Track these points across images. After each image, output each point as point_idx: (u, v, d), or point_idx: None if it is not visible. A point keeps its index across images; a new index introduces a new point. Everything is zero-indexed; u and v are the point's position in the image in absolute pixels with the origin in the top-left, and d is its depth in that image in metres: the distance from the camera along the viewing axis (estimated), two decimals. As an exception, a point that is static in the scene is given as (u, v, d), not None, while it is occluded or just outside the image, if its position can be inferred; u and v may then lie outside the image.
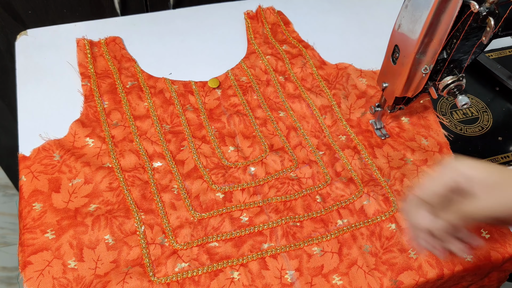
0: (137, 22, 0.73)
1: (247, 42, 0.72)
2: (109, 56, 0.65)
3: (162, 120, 0.59)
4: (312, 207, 0.53)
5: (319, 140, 0.60)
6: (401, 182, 0.56)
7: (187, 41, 0.71)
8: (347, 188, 0.55)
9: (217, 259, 0.48)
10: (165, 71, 0.66)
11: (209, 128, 0.60)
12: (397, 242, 0.51)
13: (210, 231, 0.50)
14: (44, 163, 0.52)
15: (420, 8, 0.46)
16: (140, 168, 0.54)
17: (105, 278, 0.45)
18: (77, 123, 0.57)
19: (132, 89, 0.62)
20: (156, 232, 0.49)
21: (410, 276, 0.49)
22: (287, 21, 0.75)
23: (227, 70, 0.67)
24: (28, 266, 0.45)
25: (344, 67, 0.69)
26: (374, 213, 0.53)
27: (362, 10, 0.81)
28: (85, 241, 0.47)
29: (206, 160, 0.56)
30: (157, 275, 0.46)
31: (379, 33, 0.75)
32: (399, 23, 0.50)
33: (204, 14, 0.76)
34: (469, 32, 0.47)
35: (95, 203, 0.50)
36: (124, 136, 0.57)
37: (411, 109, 0.64)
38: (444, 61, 0.51)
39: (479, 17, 0.45)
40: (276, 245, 0.50)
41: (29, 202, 0.49)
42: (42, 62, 0.65)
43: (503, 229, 0.53)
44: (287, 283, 0.47)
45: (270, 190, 0.54)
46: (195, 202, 0.52)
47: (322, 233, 0.51)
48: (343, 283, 0.48)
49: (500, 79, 0.71)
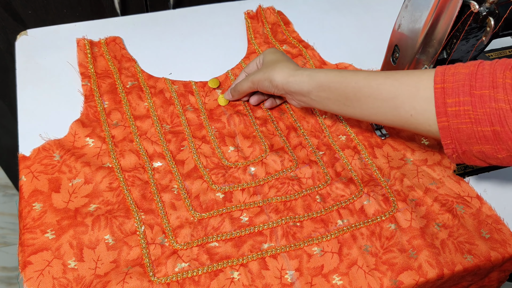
0: (137, 22, 0.73)
1: (247, 42, 0.72)
2: (109, 56, 0.65)
3: (162, 120, 0.59)
4: (312, 207, 0.53)
5: (319, 140, 0.60)
6: (401, 182, 0.56)
7: (187, 41, 0.71)
8: (347, 188, 0.55)
9: (217, 259, 0.48)
10: (165, 71, 0.66)
11: (209, 128, 0.60)
12: (397, 242, 0.51)
13: (210, 231, 0.50)
14: (44, 163, 0.52)
15: (420, 8, 0.46)
16: (140, 168, 0.54)
17: (105, 278, 0.46)
18: (77, 123, 0.57)
19: (132, 89, 0.62)
20: (156, 232, 0.49)
21: (410, 276, 0.49)
22: (287, 21, 0.75)
23: (227, 70, 0.67)
24: (28, 266, 0.45)
25: (344, 67, 0.69)
26: (374, 213, 0.53)
27: (362, 10, 0.81)
28: (85, 241, 0.47)
29: (206, 160, 0.56)
30: (157, 275, 0.46)
31: (379, 33, 0.75)
32: (399, 23, 0.50)
33: (204, 14, 0.76)
34: (469, 32, 0.47)
35: (95, 203, 0.50)
36: (124, 136, 0.57)
37: (411, 109, 0.64)
38: (444, 61, 0.51)
39: (479, 17, 0.45)
40: (276, 245, 0.50)
41: (29, 202, 0.49)
42: (42, 62, 0.65)
43: (502, 229, 0.53)
44: (287, 283, 0.47)
45: (270, 190, 0.54)
46: (195, 202, 0.52)
47: (322, 233, 0.51)
48: (343, 283, 0.48)
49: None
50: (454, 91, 0.40)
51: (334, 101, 0.50)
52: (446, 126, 0.41)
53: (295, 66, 0.54)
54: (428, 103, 0.42)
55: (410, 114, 0.43)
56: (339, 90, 0.49)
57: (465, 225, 0.53)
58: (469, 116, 0.39)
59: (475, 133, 0.39)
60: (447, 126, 0.41)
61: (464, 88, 0.39)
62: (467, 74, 0.40)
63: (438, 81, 0.41)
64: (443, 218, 0.53)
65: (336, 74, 0.50)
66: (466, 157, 0.42)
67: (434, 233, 0.52)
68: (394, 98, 0.44)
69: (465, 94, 0.39)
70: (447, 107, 0.40)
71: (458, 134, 0.40)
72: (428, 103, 0.42)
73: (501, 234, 0.53)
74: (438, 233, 0.52)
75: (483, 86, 0.39)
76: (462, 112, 0.39)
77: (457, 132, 0.40)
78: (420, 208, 0.54)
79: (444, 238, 0.52)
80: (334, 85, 0.49)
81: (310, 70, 0.52)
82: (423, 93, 0.42)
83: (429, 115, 0.42)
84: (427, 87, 0.42)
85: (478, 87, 0.39)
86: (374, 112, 0.47)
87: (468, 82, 0.39)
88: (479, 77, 0.39)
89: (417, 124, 0.44)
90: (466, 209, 0.55)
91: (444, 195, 0.55)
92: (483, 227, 0.53)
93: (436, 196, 0.55)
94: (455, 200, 0.55)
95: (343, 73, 0.49)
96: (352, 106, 0.49)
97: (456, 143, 0.41)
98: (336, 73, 0.50)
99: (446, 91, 0.40)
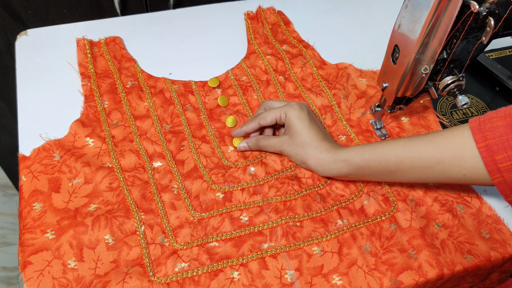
0: (137, 22, 0.73)
1: (247, 42, 0.72)
2: (109, 56, 0.65)
3: (162, 120, 0.59)
4: (312, 207, 0.53)
5: (319, 140, 0.60)
6: (401, 182, 0.56)
7: (187, 41, 0.71)
8: (347, 188, 0.55)
9: (217, 259, 0.48)
10: (165, 71, 0.66)
11: (209, 128, 0.60)
12: (397, 242, 0.51)
13: (210, 231, 0.50)
14: (44, 163, 0.52)
15: (420, 8, 0.46)
16: (140, 168, 0.54)
17: (105, 278, 0.45)
18: (77, 123, 0.57)
19: (132, 89, 0.62)
20: (156, 232, 0.49)
21: (410, 276, 0.49)
22: (288, 21, 0.75)
23: (227, 70, 0.67)
24: (28, 266, 0.45)
25: (344, 67, 0.69)
26: (374, 213, 0.53)
27: (362, 10, 0.81)
28: (85, 241, 0.47)
29: (206, 160, 0.56)
30: (157, 275, 0.46)
31: (379, 33, 0.75)
32: (399, 23, 0.50)
33: (204, 14, 0.76)
34: (469, 32, 0.47)
35: (95, 203, 0.50)
36: (124, 136, 0.57)
37: (411, 109, 0.64)
38: (444, 61, 0.51)
39: (479, 17, 0.45)
40: (276, 245, 0.50)
41: (29, 202, 0.49)
42: (42, 62, 0.65)
43: (502, 229, 0.53)
44: (287, 283, 0.47)
45: (270, 190, 0.54)
46: (195, 202, 0.52)
47: (322, 233, 0.51)
48: (343, 283, 0.48)
49: (500, 79, 0.71)
50: (499, 147, 0.41)
51: (375, 176, 0.51)
52: (502, 181, 0.42)
53: (328, 150, 0.51)
54: (477, 161, 0.43)
55: (463, 174, 0.44)
56: (379, 167, 0.49)
57: (465, 225, 0.53)
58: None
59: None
60: (503, 181, 0.42)
61: (510, 143, 0.40)
62: (505, 127, 0.41)
63: (479, 139, 0.42)
64: (443, 218, 0.53)
65: (373, 152, 0.49)
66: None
67: (434, 233, 0.52)
68: (441, 163, 0.45)
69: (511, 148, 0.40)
70: (498, 164, 0.41)
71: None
72: (477, 161, 0.43)
73: (501, 234, 0.53)
74: (438, 233, 0.52)
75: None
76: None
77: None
78: (420, 208, 0.54)
79: (444, 238, 0.52)
80: (373, 163, 0.49)
81: (345, 153, 0.50)
82: (469, 153, 0.43)
83: (482, 172, 0.43)
84: (472, 147, 0.43)
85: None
86: (423, 178, 0.48)
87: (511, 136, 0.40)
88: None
89: (472, 180, 0.45)
90: (466, 209, 0.55)
91: (444, 195, 0.55)
92: (483, 227, 0.53)
93: (436, 196, 0.55)
94: (455, 200, 0.55)
95: (379, 148, 0.49)
96: (397, 176, 0.49)
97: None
98: (372, 151, 0.49)
99: (491, 148, 0.41)
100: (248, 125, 0.57)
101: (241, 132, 0.57)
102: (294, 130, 0.53)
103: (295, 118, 0.53)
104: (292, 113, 0.53)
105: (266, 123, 0.56)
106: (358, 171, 0.50)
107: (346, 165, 0.50)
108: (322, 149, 0.52)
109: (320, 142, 0.52)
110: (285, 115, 0.54)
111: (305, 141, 0.52)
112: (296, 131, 0.53)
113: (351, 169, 0.50)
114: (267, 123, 0.56)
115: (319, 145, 0.52)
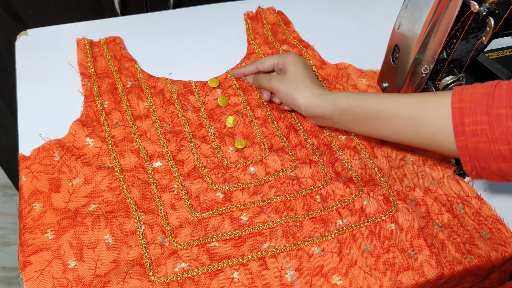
0: (137, 22, 0.73)
1: (247, 42, 0.72)
2: (109, 56, 0.65)
3: (162, 120, 0.59)
4: (312, 207, 0.53)
5: (319, 140, 0.60)
6: (401, 182, 0.56)
7: (187, 41, 0.71)
8: (347, 188, 0.55)
9: (217, 259, 0.48)
10: (165, 71, 0.66)
11: (209, 128, 0.60)
12: (397, 242, 0.51)
13: (210, 231, 0.50)
14: (44, 163, 0.52)
15: (420, 8, 0.46)
16: (140, 168, 0.54)
17: (105, 278, 0.45)
18: (77, 123, 0.57)
19: (132, 89, 0.62)
20: (156, 232, 0.49)
21: (410, 276, 0.49)
22: (288, 21, 0.75)
23: (227, 70, 0.67)
24: (28, 266, 0.45)
25: (344, 67, 0.69)
26: (374, 213, 0.53)
27: (362, 10, 0.81)
28: (85, 241, 0.47)
29: (206, 160, 0.56)
30: (157, 275, 0.46)
31: (379, 33, 0.75)
32: (399, 23, 0.50)
33: (204, 14, 0.76)
34: (469, 32, 0.47)
35: (95, 203, 0.50)
36: (124, 136, 0.57)
37: (411, 109, 0.64)
38: (444, 61, 0.51)
39: (479, 17, 0.45)
40: (276, 245, 0.50)
41: (29, 202, 0.49)
42: (42, 62, 0.65)
43: (502, 229, 0.53)
44: (287, 283, 0.47)
45: (270, 190, 0.54)
46: (195, 202, 0.52)
47: (322, 233, 0.51)
48: (343, 283, 0.48)
49: (500, 79, 0.70)
50: (471, 110, 0.41)
51: (356, 123, 0.52)
52: (464, 145, 0.42)
53: (318, 89, 0.55)
54: (449, 120, 0.43)
55: (432, 132, 0.45)
56: (361, 112, 0.50)
57: (465, 225, 0.53)
58: (486, 135, 0.40)
59: (492, 152, 0.40)
60: (465, 145, 0.42)
61: (482, 108, 0.40)
62: (484, 94, 0.41)
63: (456, 100, 0.42)
64: (443, 218, 0.53)
65: (358, 97, 0.51)
66: (485, 174, 0.43)
67: (434, 233, 0.52)
68: (417, 116, 0.46)
69: (482, 114, 0.40)
70: (464, 127, 0.41)
71: (476, 152, 0.41)
72: (448, 120, 0.43)
73: (501, 234, 0.53)
74: (438, 233, 0.52)
75: (500, 105, 0.39)
76: (479, 131, 0.40)
77: (475, 150, 0.41)
78: (420, 208, 0.54)
79: (444, 238, 0.52)
80: (356, 108, 0.50)
81: (333, 95, 0.53)
82: (443, 111, 0.43)
83: (450, 133, 0.43)
84: (447, 106, 0.43)
85: (495, 106, 0.40)
86: (396, 131, 0.48)
87: (486, 102, 0.40)
88: (496, 97, 0.40)
89: (438, 142, 0.45)
90: (466, 209, 0.55)
91: (444, 195, 0.55)
92: (483, 227, 0.53)
93: (436, 196, 0.55)
94: (455, 200, 0.55)
95: (365, 95, 0.50)
96: (374, 126, 0.50)
97: (474, 161, 0.42)
98: (358, 96, 0.51)
99: (463, 110, 0.41)
100: (247, 68, 0.62)
101: (240, 73, 0.64)
102: (289, 70, 0.57)
103: (291, 62, 0.57)
104: (289, 58, 0.58)
105: (264, 68, 0.61)
106: (342, 114, 0.52)
107: (332, 105, 0.52)
108: (312, 87, 0.55)
109: (311, 82, 0.55)
110: (282, 60, 0.58)
111: (298, 78, 0.56)
112: (291, 71, 0.57)
113: (336, 111, 0.52)
114: (265, 68, 0.61)
115: (310, 84, 0.55)
